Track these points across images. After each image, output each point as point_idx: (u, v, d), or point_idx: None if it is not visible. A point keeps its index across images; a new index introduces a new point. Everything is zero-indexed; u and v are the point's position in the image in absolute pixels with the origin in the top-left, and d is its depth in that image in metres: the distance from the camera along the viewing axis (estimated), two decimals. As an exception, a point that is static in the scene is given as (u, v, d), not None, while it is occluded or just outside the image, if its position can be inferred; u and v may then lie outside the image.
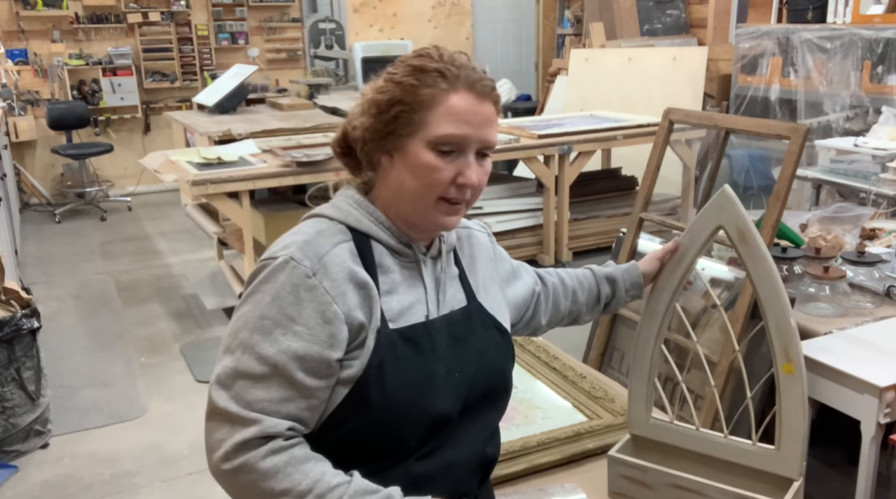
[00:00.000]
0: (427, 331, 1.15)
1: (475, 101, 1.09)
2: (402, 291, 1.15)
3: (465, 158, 1.09)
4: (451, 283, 1.22)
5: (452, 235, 1.25)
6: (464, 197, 1.11)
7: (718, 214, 1.30)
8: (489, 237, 1.39)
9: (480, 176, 1.12)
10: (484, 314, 1.24)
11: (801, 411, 1.26)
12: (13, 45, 6.72)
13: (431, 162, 1.08)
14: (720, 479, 1.30)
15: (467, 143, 1.09)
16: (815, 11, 5.09)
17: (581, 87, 6.33)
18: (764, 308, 1.27)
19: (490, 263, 1.33)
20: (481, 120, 1.09)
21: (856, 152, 3.89)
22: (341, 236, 1.13)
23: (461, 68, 1.09)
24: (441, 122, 1.07)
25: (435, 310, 1.18)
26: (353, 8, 7.93)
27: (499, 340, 1.25)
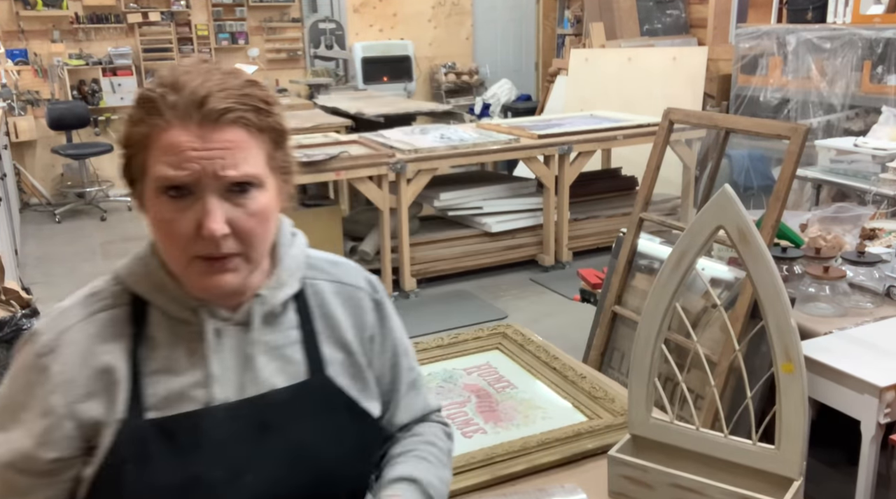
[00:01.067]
0: (194, 423, 0.92)
1: (197, 131, 0.86)
2: (178, 371, 0.94)
3: (202, 202, 0.87)
4: (272, 355, 0.99)
5: (281, 293, 1.00)
6: (218, 252, 0.88)
7: (718, 214, 1.30)
8: (377, 304, 1.10)
9: (239, 220, 0.89)
10: (331, 391, 1.01)
11: (801, 411, 1.26)
12: (13, 45, 6.72)
13: (161, 213, 0.89)
14: (720, 479, 1.30)
15: (194, 184, 0.87)
16: (815, 11, 5.09)
17: (581, 87, 6.33)
18: (764, 308, 1.27)
19: (361, 331, 1.07)
20: (211, 154, 0.86)
21: (856, 152, 3.89)
22: (108, 302, 0.95)
23: (181, 92, 0.87)
24: (156, 165, 0.87)
25: (230, 392, 0.95)
26: (353, 8, 7.93)
27: (348, 426, 1.01)
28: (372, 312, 1.09)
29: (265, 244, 0.95)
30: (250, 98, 0.90)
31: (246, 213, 0.90)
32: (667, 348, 1.42)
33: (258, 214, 0.91)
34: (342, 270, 1.10)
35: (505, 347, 1.93)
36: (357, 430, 1.02)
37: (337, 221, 4.32)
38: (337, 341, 1.04)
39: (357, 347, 1.06)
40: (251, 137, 0.90)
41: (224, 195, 0.88)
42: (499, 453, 1.44)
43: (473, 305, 4.26)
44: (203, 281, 0.91)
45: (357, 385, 1.05)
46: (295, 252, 1.04)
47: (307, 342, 1.02)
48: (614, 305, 2.72)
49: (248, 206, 0.90)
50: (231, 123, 0.88)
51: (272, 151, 0.93)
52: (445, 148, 4.37)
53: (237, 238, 0.90)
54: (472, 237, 4.67)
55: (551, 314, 4.12)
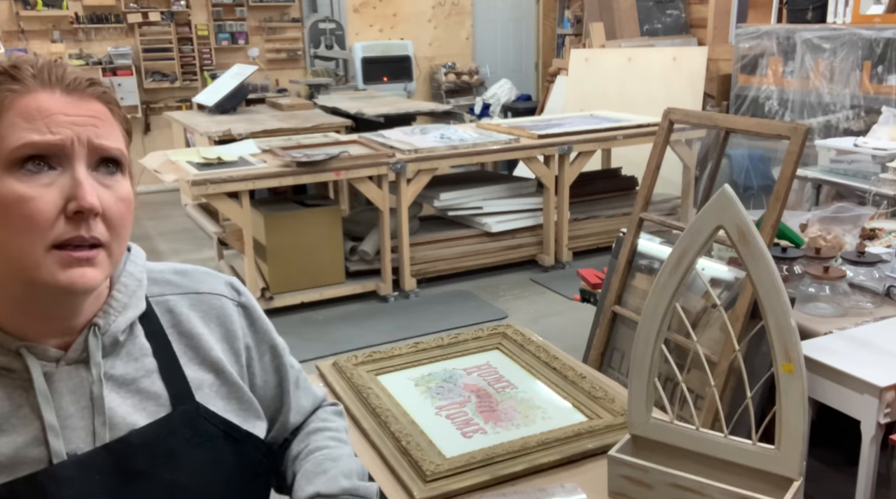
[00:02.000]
0: (35, 487, 0.77)
1: (64, 98, 0.77)
2: (5, 430, 0.78)
3: (70, 172, 0.76)
4: (126, 391, 0.85)
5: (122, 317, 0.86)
6: (88, 234, 0.76)
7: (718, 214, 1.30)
8: (242, 307, 0.98)
9: (108, 201, 0.78)
10: (204, 420, 0.88)
11: (801, 411, 1.26)
12: (13, 45, 6.72)
13: (16, 190, 0.74)
14: (720, 479, 1.30)
15: (65, 151, 0.76)
16: (815, 11, 5.09)
17: (581, 87, 6.33)
18: (764, 308, 1.27)
19: (232, 342, 0.95)
20: (83, 120, 0.77)
21: (856, 152, 3.89)
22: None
23: (39, 65, 0.79)
24: (13, 132, 0.75)
25: (80, 443, 0.81)
26: (353, 8, 7.93)
27: (230, 456, 0.89)
28: (240, 318, 0.98)
29: (126, 241, 0.84)
30: (107, 85, 0.85)
31: (114, 195, 0.79)
32: (667, 348, 1.42)
33: (126, 200, 0.81)
34: (194, 278, 0.97)
35: (505, 347, 1.93)
36: (241, 458, 0.91)
37: (337, 221, 4.32)
38: (203, 361, 0.92)
39: (228, 362, 0.94)
40: (114, 119, 0.82)
41: (91, 173, 0.78)
42: (499, 453, 1.44)
43: (473, 305, 4.26)
44: (64, 275, 0.76)
45: (234, 406, 0.93)
46: (132, 269, 0.90)
47: (166, 369, 0.88)
48: (614, 305, 2.72)
49: (117, 188, 0.80)
50: (97, 97, 0.81)
51: (128, 144, 0.85)
52: (445, 148, 4.37)
53: (106, 223, 0.78)
54: (472, 237, 4.67)
55: (551, 314, 4.12)
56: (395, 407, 1.59)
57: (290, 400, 1.04)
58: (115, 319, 0.86)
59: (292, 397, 1.04)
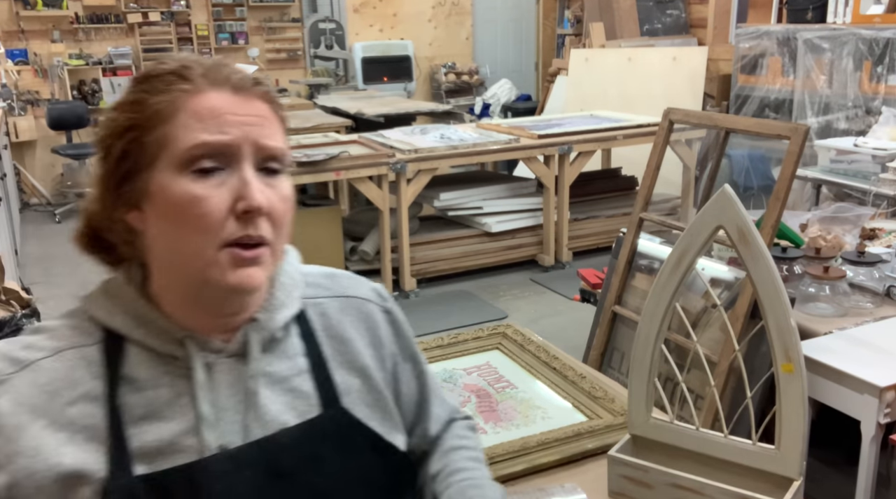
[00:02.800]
0: (189, 477, 0.78)
1: (233, 97, 0.79)
2: (165, 416, 0.80)
3: (238, 173, 0.77)
4: (278, 388, 0.86)
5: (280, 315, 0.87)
6: (256, 232, 0.78)
7: (718, 214, 1.30)
8: (389, 314, 0.98)
9: (274, 199, 0.79)
10: (349, 426, 0.88)
11: (801, 411, 1.26)
12: (13, 45, 6.72)
13: (189, 190, 0.76)
14: (720, 479, 1.30)
15: (235, 151, 0.77)
16: (815, 11, 5.09)
17: (581, 87, 6.33)
18: (764, 308, 1.27)
19: (379, 349, 0.95)
20: (251, 120, 0.79)
21: (856, 152, 3.89)
22: (80, 339, 0.81)
23: (207, 65, 0.81)
24: (186, 133, 0.76)
25: (231, 436, 0.81)
26: (353, 8, 7.93)
27: (374, 464, 0.88)
28: (386, 324, 0.97)
29: (286, 240, 0.84)
30: (270, 85, 0.86)
31: (278, 195, 0.80)
32: (667, 348, 1.42)
33: (288, 200, 0.82)
34: (343, 282, 0.97)
35: (505, 347, 1.93)
36: (384, 468, 0.89)
37: (337, 221, 4.32)
38: (351, 366, 0.91)
39: (375, 369, 0.93)
40: (276, 117, 0.83)
41: (256, 173, 0.79)
42: (499, 453, 1.44)
43: (473, 305, 4.26)
44: (234, 275, 0.78)
45: (378, 415, 0.91)
46: (289, 269, 0.92)
47: (316, 370, 0.88)
48: (614, 305, 2.72)
49: (280, 188, 0.81)
50: (261, 96, 0.82)
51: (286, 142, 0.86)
52: (445, 148, 4.37)
53: (270, 222, 0.79)
54: (472, 237, 4.67)
55: (551, 314, 4.12)
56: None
57: (430, 409, 1.02)
58: (274, 316, 0.87)
59: (432, 406, 1.02)
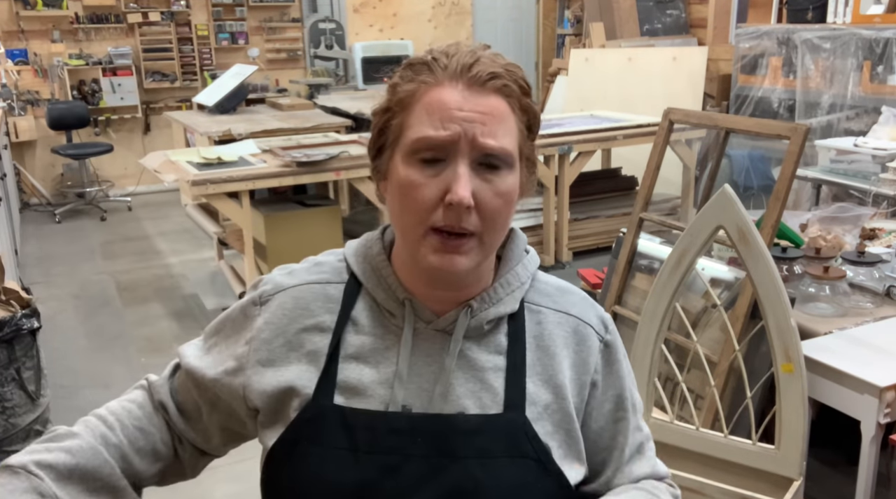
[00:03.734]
0: (376, 424, 0.86)
1: (464, 92, 0.84)
2: (370, 362, 0.90)
3: (452, 167, 0.82)
4: (470, 375, 0.90)
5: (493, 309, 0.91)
6: (458, 224, 0.82)
7: (718, 214, 1.30)
8: (606, 346, 0.96)
9: (485, 196, 0.83)
10: (525, 435, 0.88)
11: (801, 411, 1.26)
12: (13, 45, 6.72)
13: (410, 176, 0.84)
14: (720, 479, 1.30)
15: (452, 146, 0.82)
16: (815, 11, 5.10)
17: (581, 87, 6.33)
18: (764, 308, 1.27)
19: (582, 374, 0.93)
20: (473, 116, 0.82)
21: (856, 152, 3.89)
22: (328, 276, 0.95)
23: (453, 56, 0.86)
24: (416, 124, 0.84)
25: (415, 400, 0.88)
26: (353, 8, 7.93)
27: (534, 481, 0.87)
28: (598, 354, 0.95)
29: (502, 231, 0.88)
30: (514, 75, 0.88)
31: (493, 190, 0.84)
32: (667, 348, 1.42)
33: (504, 195, 0.85)
34: (572, 299, 0.98)
35: (505, 347, 1.93)
36: (543, 488, 0.88)
37: (337, 221, 4.32)
38: (548, 380, 0.91)
39: (572, 391, 0.92)
40: (511, 111, 0.87)
41: (475, 167, 0.83)
42: (499, 453, 1.43)
43: (473, 305, 4.25)
44: (435, 258, 0.84)
45: (559, 436, 0.91)
46: (521, 270, 0.95)
47: (512, 372, 0.90)
48: (614, 305, 2.72)
49: (497, 183, 0.84)
50: (496, 90, 0.85)
51: (525, 134, 0.89)
52: (445, 148, 4.36)
53: (479, 215, 0.83)
54: (472, 237, 4.67)
55: (551, 314, 4.12)
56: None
57: (621, 459, 0.97)
58: (487, 309, 0.91)
59: (625, 457, 0.97)
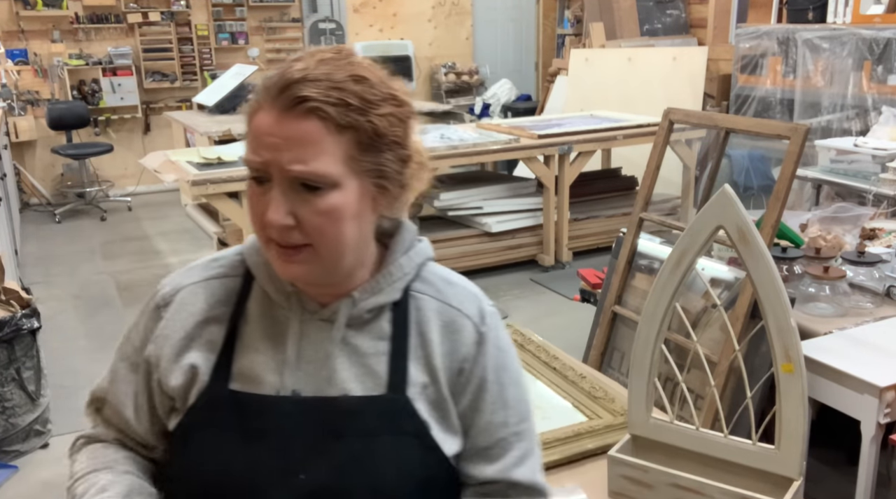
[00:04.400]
0: (267, 407, 0.93)
1: (277, 116, 0.84)
2: (260, 349, 0.95)
3: (272, 189, 0.86)
4: (354, 360, 0.94)
5: (374, 299, 0.96)
6: (283, 241, 0.87)
7: (718, 214, 1.30)
8: (480, 336, 0.98)
9: (305, 215, 0.86)
10: (405, 414, 0.93)
11: (801, 411, 1.26)
12: (13, 45, 6.72)
13: (250, 191, 0.90)
14: (720, 479, 1.30)
15: (268, 170, 0.85)
16: (815, 11, 5.09)
17: (581, 87, 6.33)
18: (764, 308, 1.27)
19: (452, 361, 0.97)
20: (279, 143, 0.84)
21: (856, 152, 3.89)
22: (224, 270, 1.00)
23: (273, 78, 0.87)
24: (247, 145, 0.89)
25: (303, 385, 0.93)
26: (353, 8, 7.93)
27: (414, 454, 0.93)
28: (472, 344, 0.97)
29: (342, 245, 0.89)
30: (343, 93, 0.85)
31: (312, 209, 0.85)
32: (667, 348, 1.42)
33: (327, 214, 0.86)
34: (454, 291, 1.01)
35: (505, 347, 1.92)
36: (422, 461, 0.93)
37: (337, 221, 4.32)
38: (426, 365, 0.96)
39: (444, 375, 0.96)
40: (328, 133, 0.84)
41: (295, 187, 0.85)
42: (499, 453, 1.43)
43: (473, 305, 4.25)
44: (277, 264, 0.90)
45: (436, 415, 0.96)
46: (404, 261, 0.98)
47: (395, 356, 0.95)
48: (614, 305, 2.72)
49: (316, 203, 0.85)
50: (306, 114, 0.83)
51: (356, 151, 0.87)
52: (445, 148, 4.37)
53: (303, 232, 0.86)
54: (472, 237, 4.67)
55: (551, 314, 4.12)
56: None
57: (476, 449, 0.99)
58: (368, 298, 0.96)
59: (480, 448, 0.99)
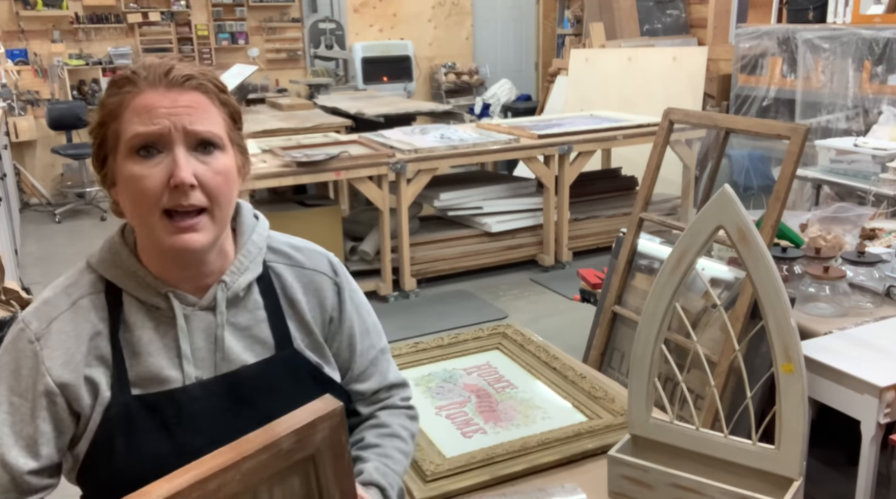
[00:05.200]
0: (174, 399, 1.02)
1: (165, 93, 0.97)
2: (153, 352, 1.03)
3: (171, 155, 0.95)
4: (240, 335, 1.07)
5: (243, 278, 1.07)
6: (187, 202, 0.96)
7: (718, 214, 1.30)
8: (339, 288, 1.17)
9: (205, 174, 0.97)
10: (299, 363, 1.10)
11: (801, 411, 1.26)
12: (13, 45, 6.72)
13: (134, 171, 0.96)
14: (720, 479, 1.30)
15: (164, 138, 0.95)
16: (815, 11, 5.09)
17: (581, 87, 6.33)
18: (764, 308, 1.27)
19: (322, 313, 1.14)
20: (179, 110, 0.96)
21: (856, 152, 3.89)
22: (88, 289, 1.04)
23: (149, 68, 0.98)
24: (128, 126, 0.96)
25: (204, 371, 1.04)
26: (353, 8, 7.93)
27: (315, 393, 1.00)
28: (333, 295, 1.16)
29: (229, 206, 1.02)
30: (207, 76, 1.01)
31: (211, 169, 0.98)
32: (667, 348, 1.42)
33: (222, 173, 0.99)
34: (304, 255, 1.17)
35: (505, 347, 1.93)
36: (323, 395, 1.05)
37: (337, 221, 4.32)
38: (300, 321, 1.12)
39: (317, 327, 1.13)
40: (213, 104, 1.00)
41: (191, 152, 0.97)
42: (499, 453, 1.44)
43: (473, 305, 4.26)
44: (171, 239, 0.97)
45: (320, 358, 1.13)
46: (255, 237, 1.12)
47: (273, 320, 1.09)
48: (614, 305, 2.72)
49: (213, 163, 0.98)
50: (194, 88, 0.98)
51: (231, 125, 1.03)
52: (445, 148, 4.37)
53: (204, 192, 0.97)
54: (472, 237, 4.67)
55: (551, 314, 4.12)
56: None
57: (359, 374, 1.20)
58: (238, 278, 1.07)
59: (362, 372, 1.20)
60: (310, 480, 0.88)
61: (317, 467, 0.87)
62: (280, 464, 0.84)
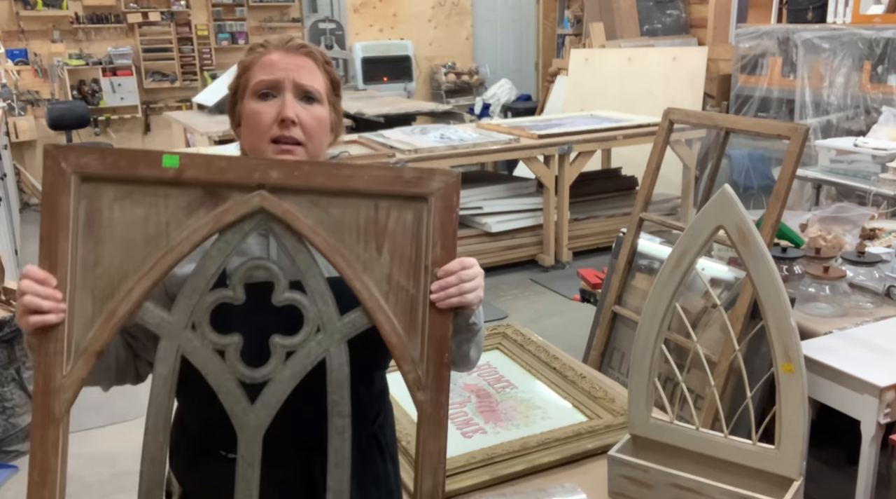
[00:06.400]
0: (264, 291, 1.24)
1: (284, 54, 1.25)
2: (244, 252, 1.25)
3: (281, 98, 1.23)
4: None
5: None
6: (290, 134, 1.22)
7: (718, 214, 1.30)
8: None
9: (304, 116, 1.23)
10: None
11: (801, 411, 1.26)
12: (13, 45, 6.72)
13: (255, 108, 1.23)
14: (720, 479, 1.30)
15: (280, 85, 1.23)
16: (815, 11, 5.10)
17: (581, 87, 6.33)
18: (764, 308, 1.27)
19: None
20: (291, 66, 1.24)
21: (856, 152, 3.89)
22: None
23: (276, 38, 1.29)
24: (255, 76, 1.25)
25: None
26: (353, 8, 7.93)
27: None
28: None
29: (320, 146, 1.27)
30: (317, 50, 1.29)
31: (310, 114, 1.24)
32: (667, 348, 1.42)
33: (317, 119, 1.25)
34: None
35: (505, 347, 1.93)
36: None
37: (337, 221, 4.31)
38: None
39: None
40: (318, 69, 1.27)
41: (297, 100, 1.23)
42: (499, 453, 1.44)
43: (473, 305, 4.25)
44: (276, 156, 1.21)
45: None
46: None
47: None
48: (614, 305, 2.72)
49: (312, 111, 1.24)
50: (306, 55, 1.26)
51: (331, 90, 1.28)
52: (445, 148, 4.37)
53: (302, 130, 1.22)
54: (472, 237, 4.67)
55: (551, 314, 4.12)
56: (395, 407, 1.59)
57: None
58: None
59: None
60: (421, 219, 1.12)
61: (429, 212, 1.11)
62: (399, 187, 1.11)
